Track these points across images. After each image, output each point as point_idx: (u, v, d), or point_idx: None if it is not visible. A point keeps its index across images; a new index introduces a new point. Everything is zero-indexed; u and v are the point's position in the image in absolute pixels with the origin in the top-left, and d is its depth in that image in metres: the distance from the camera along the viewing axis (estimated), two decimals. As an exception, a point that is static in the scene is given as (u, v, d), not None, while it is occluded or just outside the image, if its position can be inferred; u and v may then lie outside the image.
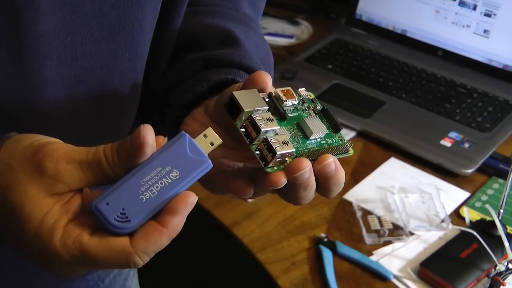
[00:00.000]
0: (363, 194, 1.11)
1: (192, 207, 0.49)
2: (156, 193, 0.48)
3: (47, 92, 0.58)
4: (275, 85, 0.56)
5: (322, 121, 0.56)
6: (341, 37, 1.47)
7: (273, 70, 0.72)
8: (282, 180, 0.52)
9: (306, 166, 0.52)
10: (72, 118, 0.61)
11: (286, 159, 0.52)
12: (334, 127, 0.56)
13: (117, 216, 0.47)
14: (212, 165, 0.50)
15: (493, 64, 1.34)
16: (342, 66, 1.39)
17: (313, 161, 0.53)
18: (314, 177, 0.53)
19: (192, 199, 0.48)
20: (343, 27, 1.50)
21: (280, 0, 1.63)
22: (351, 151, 0.57)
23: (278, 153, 0.51)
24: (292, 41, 1.53)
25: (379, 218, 1.07)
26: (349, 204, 1.09)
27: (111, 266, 0.48)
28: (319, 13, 1.62)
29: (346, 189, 1.12)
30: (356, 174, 1.15)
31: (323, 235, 1.03)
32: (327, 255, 1.00)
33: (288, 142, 0.52)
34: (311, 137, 0.55)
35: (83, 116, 0.62)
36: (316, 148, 0.55)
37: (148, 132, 0.48)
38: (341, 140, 0.56)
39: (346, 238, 1.03)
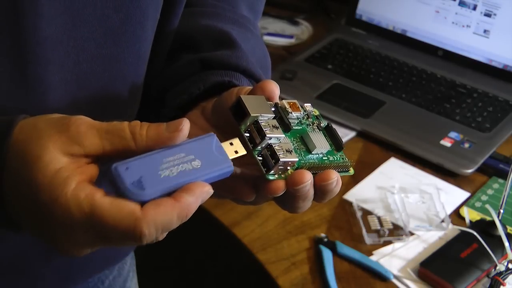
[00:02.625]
0: (363, 194, 1.11)
1: (207, 196, 0.49)
2: (175, 173, 0.49)
3: (50, 96, 0.58)
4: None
5: (326, 138, 0.56)
6: (341, 37, 1.47)
7: (270, 72, 0.72)
8: (282, 189, 0.52)
9: (308, 180, 0.52)
10: None
11: (288, 168, 0.53)
12: (337, 145, 0.56)
13: (133, 182, 0.47)
14: (233, 168, 0.51)
15: (493, 64, 1.34)
16: (342, 66, 1.39)
17: (314, 175, 0.53)
18: (313, 189, 0.53)
19: (208, 188, 0.49)
20: (343, 27, 1.50)
21: (280, 0, 1.63)
22: (351, 171, 0.57)
23: (281, 160, 0.51)
24: (292, 41, 1.53)
25: (379, 218, 1.07)
26: (349, 204, 1.09)
27: (117, 231, 0.47)
28: (319, 13, 1.62)
29: (346, 189, 1.12)
30: (356, 174, 1.14)
31: (323, 235, 1.03)
32: (327, 255, 1.00)
33: (291, 151, 0.52)
34: (313, 152, 0.55)
35: None
36: (317, 163, 0.55)
37: (186, 124, 0.49)
38: (342, 158, 0.56)
39: (346, 238, 1.03)
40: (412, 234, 1.04)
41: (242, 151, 0.52)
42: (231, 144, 0.52)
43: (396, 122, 1.25)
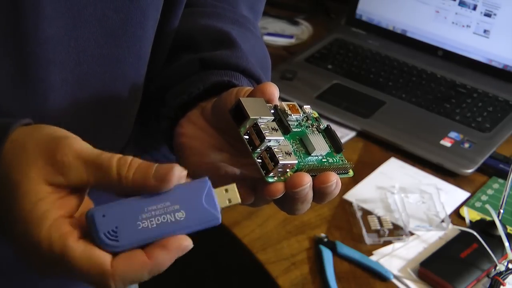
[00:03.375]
0: (363, 194, 1.11)
1: (184, 252, 0.47)
2: (155, 225, 0.47)
3: (51, 97, 0.58)
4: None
5: (325, 140, 0.56)
6: (341, 37, 1.47)
7: (270, 72, 0.72)
8: (281, 191, 0.52)
9: (307, 182, 0.52)
10: (75, 122, 0.61)
11: (287, 170, 0.52)
12: (336, 147, 0.56)
13: (108, 232, 0.46)
14: (220, 221, 0.49)
15: (493, 64, 1.34)
16: (342, 66, 1.39)
17: (313, 177, 0.53)
18: (312, 191, 0.53)
19: (187, 243, 0.47)
20: (343, 27, 1.50)
21: (280, 0, 1.63)
22: (351, 173, 0.57)
23: (280, 162, 0.51)
24: (292, 41, 1.53)
25: (379, 218, 1.07)
26: (349, 204, 1.09)
27: (85, 279, 0.46)
28: (319, 13, 1.62)
29: (346, 189, 1.12)
30: (356, 174, 1.14)
31: (323, 235, 1.03)
32: (327, 255, 1.00)
33: (291, 153, 0.52)
34: (313, 154, 0.55)
35: (86, 120, 0.62)
36: (317, 165, 0.55)
37: (176, 172, 0.47)
38: (342, 160, 0.56)
39: (346, 238, 1.03)
40: (412, 234, 1.04)
41: (236, 200, 0.50)
42: (226, 191, 0.50)
43: (396, 122, 1.25)
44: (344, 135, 1.23)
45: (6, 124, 0.50)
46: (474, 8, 1.35)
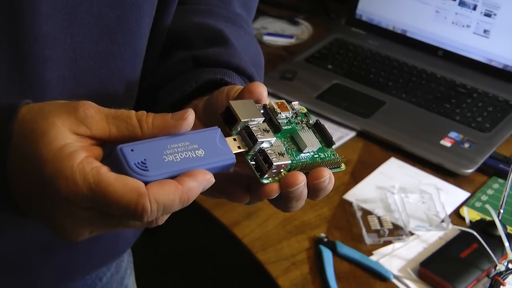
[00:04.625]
0: (363, 194, 1.11)
1: (209, 185, 0.49)
2: (179, 159, 0.49)
3: (48, 94, 0.58)
4: (275, 85, 0.56)
5: (315, 135, 0.56)
6: (341, 37, 1.47)
7: (263, 70, 0.72)
8: (276, 191, 0.53)
9: (301, 181, 0.52)
10: None
11: (281, 170, 0.53)
12: (327, 142, 0.57)
13: (138, 163, 0.48)
14: (235, 161, 0.51)
15: (493, 64, 1.34)
16: (342, 66, 1.39)
17: (306, 174, 0.54)
18: (307, 189, 0.54)
19: (210, 176, 0.49)
20: (343, 27, 1.50)
21: (280, 0, 1.63)
22: (343, 166, 0.57)
23: (274, 164, 0.52)
24: (292, 41, 1.53)
25: (379, 218, 1.07)
26: (349, 204, 1.09)
27: (120, 205, 0.46)
28: (319, 13, 1.62)
29: (346, 189, 1.12)
30: (356, 174, 1.15)
31: (323, 235, 1.03)
32: (327, 255, 1.00)
33: (284, 153, 0.53)
34: (305, 151, 0.55)
35: None
36: (309, 162, 0.55)
37: (191, 114, 0.50)
38: (333, 155, 0.57)
39: (346, 238, 1.03)
40: (412, 234, 1.04)
41: (245, 147, 0.53)
42: (234, 139, 0.53)
43: (396, 122, 1.25)
44: (344, 135, 1.23)
45: (18, 100, 0.50)
46: (474, 8, 1.35)
